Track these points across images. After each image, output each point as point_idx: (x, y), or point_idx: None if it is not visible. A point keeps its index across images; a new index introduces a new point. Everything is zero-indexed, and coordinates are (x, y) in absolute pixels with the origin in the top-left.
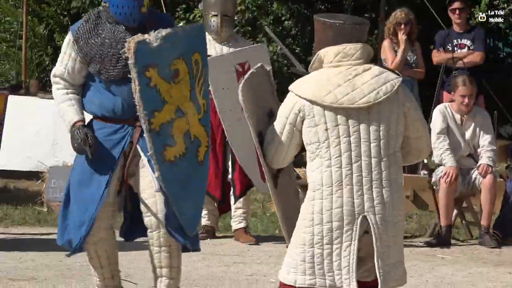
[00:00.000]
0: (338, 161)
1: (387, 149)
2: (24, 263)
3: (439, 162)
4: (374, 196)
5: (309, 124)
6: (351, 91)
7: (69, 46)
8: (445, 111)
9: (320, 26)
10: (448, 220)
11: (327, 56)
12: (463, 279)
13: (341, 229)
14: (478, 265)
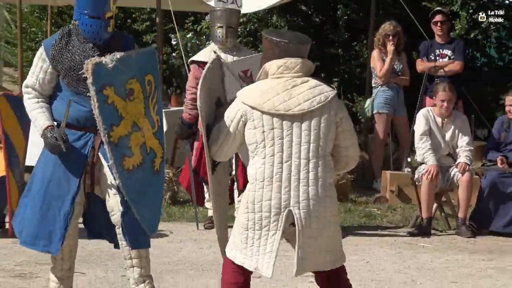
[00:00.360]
0: (271, 159)
1: (317, 151)
2: None
3: (422, 161)
4: (300, 193)
5: (249, 126)
6: (288, 99)
7: (41, 59)
8: (427, 114)
9: (267, 44)
10: (428, 213)
11: (271, 68)
12: (441, 265)
13: (268, 219)
14: (455, 253)
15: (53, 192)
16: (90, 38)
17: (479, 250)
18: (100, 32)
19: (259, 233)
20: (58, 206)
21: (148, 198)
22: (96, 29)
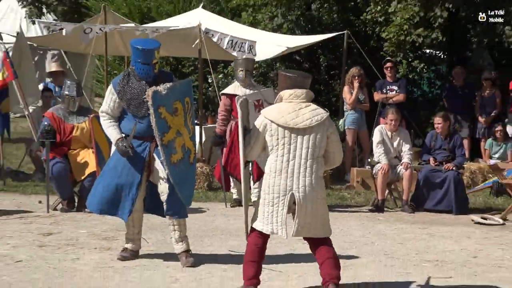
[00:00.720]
0: (281, 158)
1: (312, 154)
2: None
3: (377, 161)
4: (300, 181)
5: (269, 134)
6: (295, 117)
7: (110, 93)
8: (381, 129)
9: (282, 77)
10: (382, 196)
11: (285, 95)
12: (391, 232)
13: (278, 198)
14: (401, 223)
15: (124, 181)
16: (143, 77)
17: (417, 221)
18: (149, 73)
19: (272, 208)
20: (127, 190)
21: (186, 182)
22: (147, 71)
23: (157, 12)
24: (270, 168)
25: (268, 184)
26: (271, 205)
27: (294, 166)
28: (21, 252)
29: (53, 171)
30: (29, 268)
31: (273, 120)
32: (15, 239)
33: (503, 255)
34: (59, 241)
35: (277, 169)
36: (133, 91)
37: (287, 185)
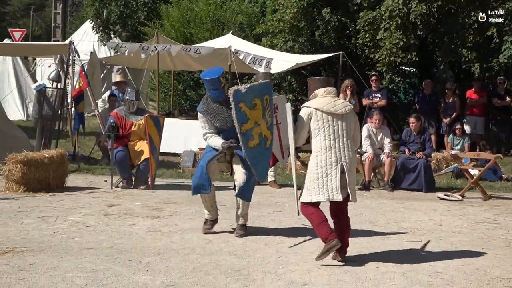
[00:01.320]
0: (328, 137)
1: (349, 134)
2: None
3: (365, 151)
4: (346, 154)
5: (314, 120)
6: (334, 106)
7: (200, 117)
8: (368, 127)
9: (312, 81)
10: (369, 178)
11: (320, 92)
12: (375, 206)
13: (331, 169)
14: (382, 199)
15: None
16: (217, 99)
17: (395, 198)
18: (221, 95)
19: (326, 178)
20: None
21: (261, 162)
22: (218, 95)
23: (197, 37)
24: (321, 146)
25: (321, 159)
26: (325, 176)
27: (339, 143)
28: (90, 219)
29: (116, 157)
30: (96, 232)
31: (318, 108)
32: (86, 209)
33: (462, 224)
34: (119, 211)
35: (326, 146)
36: (212, 111)
37: (336, 157)
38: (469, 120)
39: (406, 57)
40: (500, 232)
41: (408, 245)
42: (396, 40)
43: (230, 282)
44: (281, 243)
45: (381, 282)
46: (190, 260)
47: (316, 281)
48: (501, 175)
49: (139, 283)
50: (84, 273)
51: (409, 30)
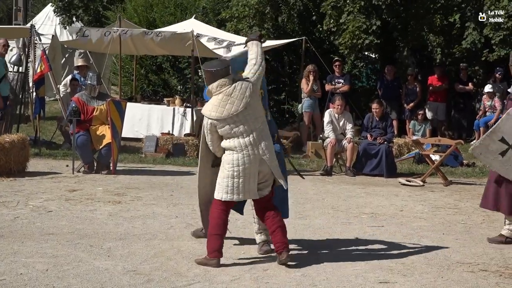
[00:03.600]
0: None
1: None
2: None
3: (327, 136)
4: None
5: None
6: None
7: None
8: (330, 112)
9: (206, 73)
10: (331, 163)
11: (213, 88)
12: (337, 191)
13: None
14: (345, 185)
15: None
16: None
17: (357, 183)
18: None
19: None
20: None
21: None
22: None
23: (160, 21)
24: (235, 145)
25: (236, 158)
26: (242, 176)
27: (253, 137)
28: (51, 205)
29: (78, 142)
30: (57, 217)
31: (218, 118)
32: (47, 194)
33: (423, 209)
34: (81, 196)
35: (241, 145)
36: None
37: (254, 153)
38: (431, 106)
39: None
40: (461, 218)
41: (369, 230)
42: (359, 23)
43: (192, 267)
44: (243, 228)
45: (342, 267)
46: (152, 245)
47: (278, 266)
48: (462, 160)
49: (100, 269)
50: (45, 258)
51: (372, 14)
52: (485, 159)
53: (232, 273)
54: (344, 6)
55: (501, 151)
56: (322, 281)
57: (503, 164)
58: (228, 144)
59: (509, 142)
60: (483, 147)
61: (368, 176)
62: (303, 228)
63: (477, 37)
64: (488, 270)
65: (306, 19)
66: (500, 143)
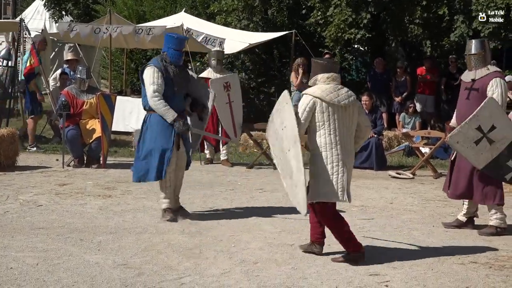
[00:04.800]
0: (334, 133)
1: (352, 128)
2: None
3: None
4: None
5: (318, 110)
6: (337, 96)
7: (155, 72)
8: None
9: (315, 64)
10: None
11: (322, 78)
12: None
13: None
14: None
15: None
16: (174, 62)
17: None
18: (180, 58)
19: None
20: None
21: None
22: (178, 57)
23: (150, 14)
24: (325, 142)
25: (325, 156)
26: (332, 174)
27: (343, 139)
28: (41, 199)
29: (67, 136)
30: (47, 211)
31: (321, 98)
32: (37, 189)
33: (413, 202)
34: (71, 190)
35: (332, 142)
36: (168, 73)
37: (341, 156)
38: (419, 98)
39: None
40: (450, 210)
41: (359, 223)
42: (345, 17)
43: (182, 260)
44: (233, 221)
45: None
46: (142, 239)
47: (268, 259)
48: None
49: (90, 262)
50: (35, 252)
51: (360, 7)
52: (460, 147)
53: (222, 266)
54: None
55: (476, 140)
56: (312, 274)
57: (476, 153)
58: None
59: (484, 131)
60: (461, 134)
61: (358, 169)
62: (294, 221)
63: (466, 30)
64: (478, 262)
65: (295, 12)
66: (476, 131)
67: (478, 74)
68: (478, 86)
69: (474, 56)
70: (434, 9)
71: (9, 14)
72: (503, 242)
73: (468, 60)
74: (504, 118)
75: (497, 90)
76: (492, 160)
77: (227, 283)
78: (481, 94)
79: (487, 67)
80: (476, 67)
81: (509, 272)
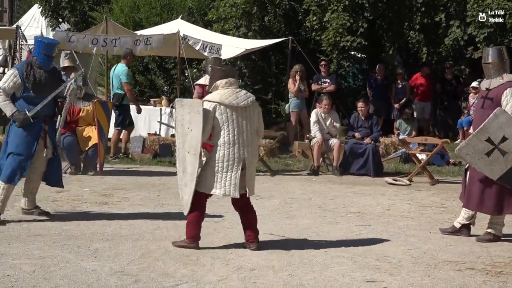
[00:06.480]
0: (232, 132)
1: (252, 128)
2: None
3: (314, 136)
4: (248, 150)
5: (218, 113)
6: (236, 99)
7: (13, 75)
8: (317, 112)
9: (214, 70)
10: (317, 163)
11: (221, 83)
12: (324, 190)
13: (232, 166)
14: (332, 184)
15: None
16: (43, 66)
17: (344, 182)
18: (49, 64)
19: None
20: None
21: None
22: (47, 62)
23: (147, 21)
24: (224, 141)
25: (222, 154)
26: (225, 171)
27: (243, 138)
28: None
29: (64, 143)
30: (44, 218)
31: (221, 102)
32: None
33: (409, 208)
34: (68, 197)
35: (230, 141)
36: (36, 77)
37: (240, 153)
38: (417, 105)
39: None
40: (447, 216)
41: (356, 229)
42: (343, 21)
43: (179, 267)
44: (230, 228)
45: (329, 266)
46: (139, 246)
47: (265, 266)
48: (448, 159)
49: (87, 270)
50: (32, 259)
51: (357, 12)
52: (470, 159)
53: (219, 273)
54: (328, 4)
55: (487, 151)
56: (310, 281)
57: (489, 164)
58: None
59: (495, 142)
60: (470, 147)
61: (354, 176)
62: (291, 228)
63: (460, 34)
64: (474, 269)
65: (292, 18)
66: (486, 143)
67: (493, 84)
68: (493, 95)
69: (490, 65)
70: (431, 16)
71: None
72: (500, 249)
73: (485, 68)
74: None
75: (511, 101)
76: (507, 171)
77: None
78: (496, 103)
79: (502, 76)
80: (492, 76)
81: (506, 279)
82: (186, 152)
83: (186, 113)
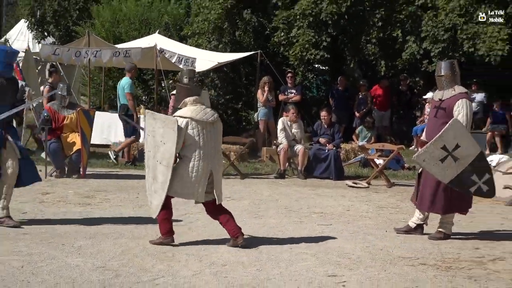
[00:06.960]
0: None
1: (218, 140)
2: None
3: (280, 142)
4: (215, 161)
5: (190, 128)
6: (205, 115)
7: None
8: (283, 120)
9: (182, 89)
10: (284, 167)
11: (190, 101)
12: (290, 192)
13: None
14: (297, 186)
15: None
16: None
17: (308, 185)
18: (9, 72)
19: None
20: None
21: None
22: (8, 70)
23: (126, 35)
24: (194, 154)
25: (192, 166)
26: (195, 182)
27: (210, 150)
28: (26, 206)
29: (50, 148)
30: (32, 218)
31: (192, 117)
32: (22, 197)
33: (368, 209)
34: (53, 198)
35: (201, 154)
36: None
37: (208, 165)
38: (376, 114)
39: (318, 54)
40: (402, 216)
41: (319, 228)
42: (309, 37)
43: (156, 263)
44: (203, 227)
45: (294, 262)
46: (119, 243)
47: (235, 261)
48: (403, 164)
49: (72, 265)
50: (20, 256)
51: (320, 28)
52: (426, 165)
53: (193, 268)
54: (295, 21)
55: (442, 158)
56: (276, 275)
57: (442, 169)
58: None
59: (449, 150)
60: (427, 154)
61: (318, 179)
62: (259, 227)
63: (416, 49)
64: (426, 264)
65: (260, 33)
66: (442, 151)
67: (446, 95)
68: (445, 105)
69: (443, 77)
70: (389, 31)
71: None
72: (449, 246)
73: (438, 80)
74: (468, 137)
75: (462, 111)
76: (457, 175)
77: (198, 283)
78: (448, 113)
79: (454, 88)
80: (444, 88)
81: (455, 273)
82: (158, 162)
83: (159, 127)
